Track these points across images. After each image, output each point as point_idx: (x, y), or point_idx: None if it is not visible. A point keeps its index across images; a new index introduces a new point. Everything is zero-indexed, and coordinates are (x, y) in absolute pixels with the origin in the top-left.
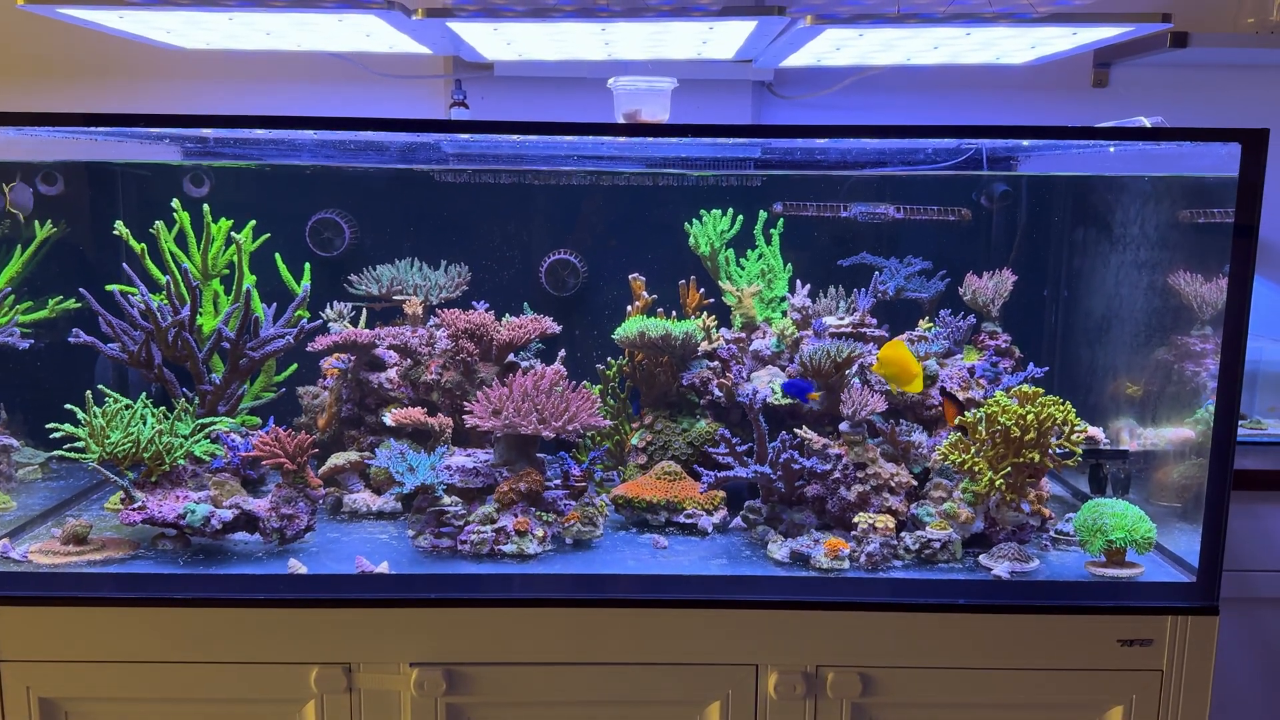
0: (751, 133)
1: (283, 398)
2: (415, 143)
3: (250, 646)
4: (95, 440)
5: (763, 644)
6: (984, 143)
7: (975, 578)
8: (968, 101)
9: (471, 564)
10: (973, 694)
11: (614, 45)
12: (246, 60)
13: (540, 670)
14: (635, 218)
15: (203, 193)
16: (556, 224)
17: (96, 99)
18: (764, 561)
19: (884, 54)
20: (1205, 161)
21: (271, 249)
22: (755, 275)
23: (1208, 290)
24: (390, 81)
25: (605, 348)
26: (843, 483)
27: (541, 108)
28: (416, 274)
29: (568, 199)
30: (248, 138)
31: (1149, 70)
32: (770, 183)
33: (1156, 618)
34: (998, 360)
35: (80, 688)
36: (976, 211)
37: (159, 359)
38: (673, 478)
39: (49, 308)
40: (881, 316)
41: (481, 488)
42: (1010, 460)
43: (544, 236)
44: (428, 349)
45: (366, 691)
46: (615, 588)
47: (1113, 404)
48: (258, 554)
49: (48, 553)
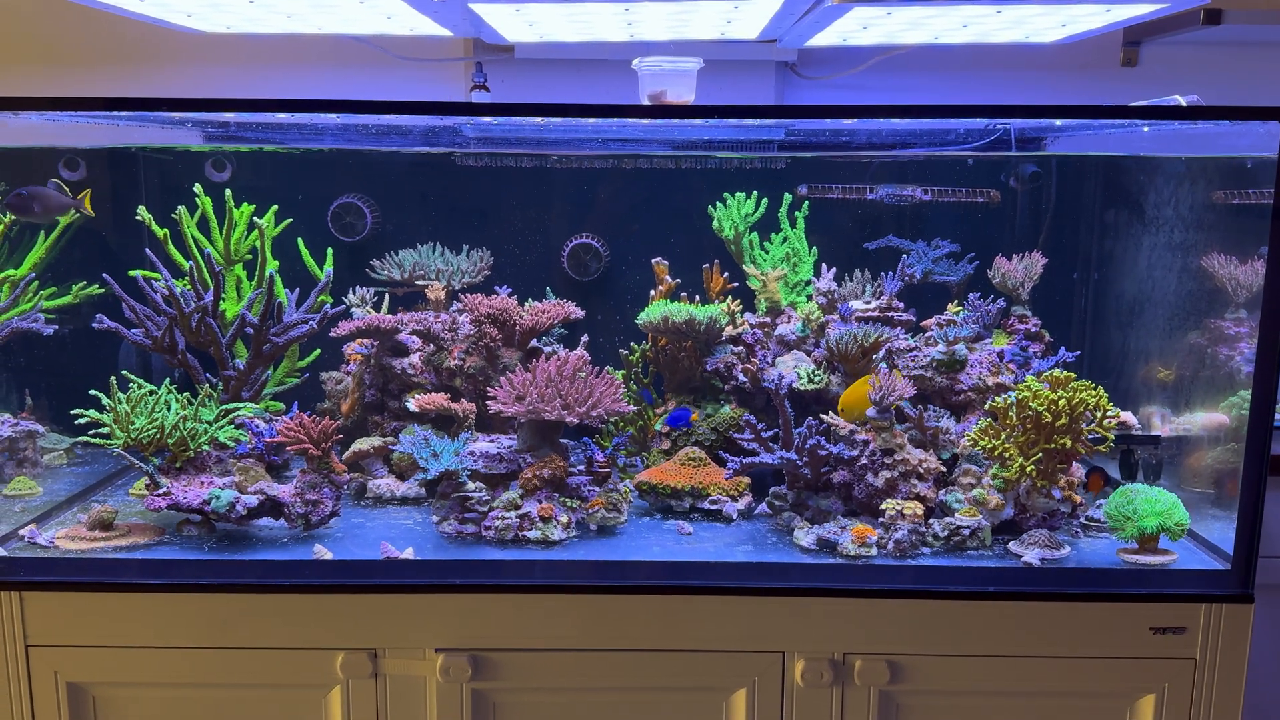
0: (778, 113)
1: (307, 383)
2: (436, 126)
3: (276, 632)
4: (120, 426)
5: (789, 631)
6: (1013, 123)
7: (1005, 565)
8: (995, 81)
9: (496, 550)
10: (1002, 682)
11: (636, 26)
12: (267, 44)
13: (565, 656)
14: (658, 201)
15: (224, 177)
16: (578, 208)
17: (118, 84)
18: (790, 548)
19: (911, 33)
20: (1243, 141)
21: (294, 234)
22: (780, 259)
23: (1243, 273)
24: (411, 65)
25: (628, 333)
26: (870, 469)
27: (562, 90)
28: (439, 259)
29: (590, 182)
30: (269, 121)
31: (1180, 48)
32: (795, 165)
33: (1190, 605)
34: (1027, 345)
35: (107, 673)
36: (1006, 193)
37: (182, 345)
38: (697, 463)
39: (73, 293)
40: (909, 300)
41: (505, 473)
42: (1041, 446)
43: (566, 220)
44: (450, 334)
45: (392, 677)
46: (640, 574)
47: (1145, 389)
48: (283, 539)
49: (74, 538)
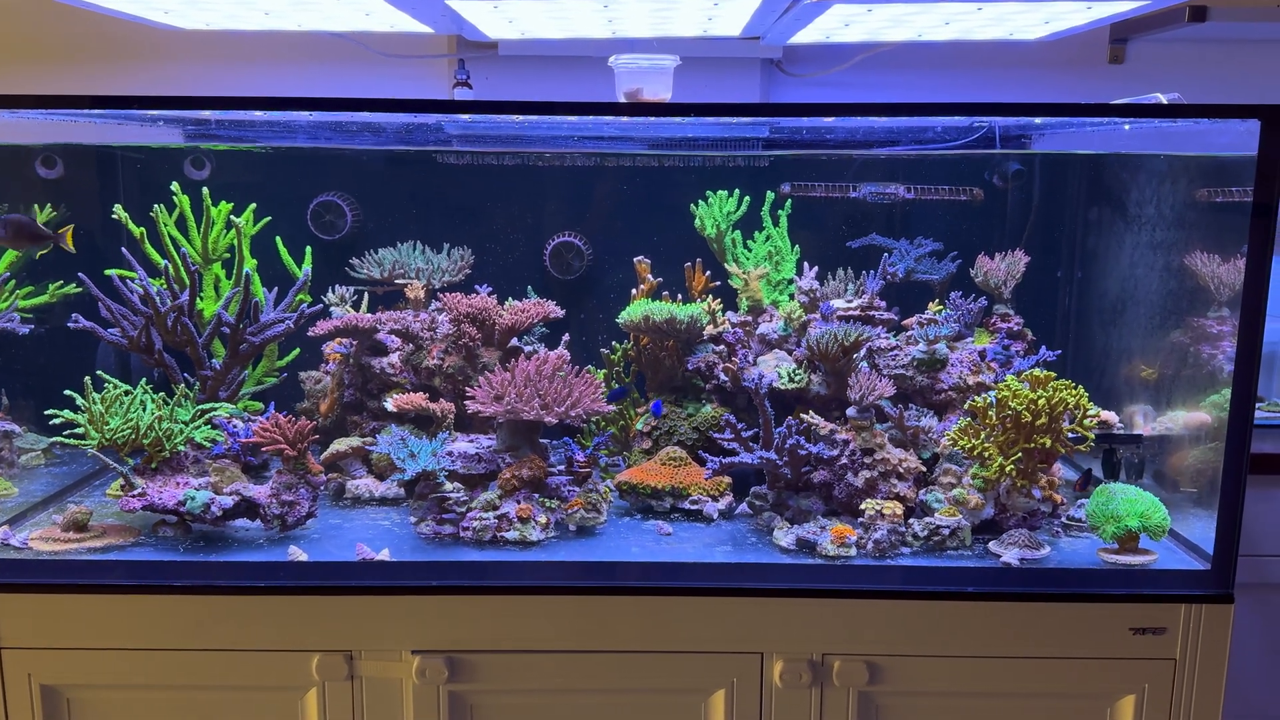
0: (755, 111)
1: (285, 383)
2: (417, 124)
3: (251, 634)
4: (95, 426)
5: (768, 632)
6: (997, 121)
7: (985, 565)
8: (981, 79)
9: (474, 551)
10: (981, 683)
11: (618, 22)
12: (248, 41)
13: (542, 658)
14: (641, 199)
15: (203, 175)
16: (561, 206)
17: (96, 82)
18: (770, 549)
19: (894, 30)
20: (1223, 139)
21: (273, 232)
22: (762, 257)
23: (1225, 271)
24: (394, 62)
25: (610, 332)
26: (850, 469)
27: (547, 87)
28: (419, 257)
29: (572, 181)
30: (248, 119)
31: (1167, 46)
32: (778, 163)
33: (1170, 606)
34: (1010, 343)
35: (81, 675)
36: (989, 191)
37: (159, 344)
38: (678, 463)
39: (49, 293)
40: (891, 299)
41: (484, 474)
42: (1021, 445)
43: (548, 219)
44: (429, 333)
45: (368, 679)
46: (619, 575)
47: (1127, 388)
48: (259, 541)
49: (48, 540)
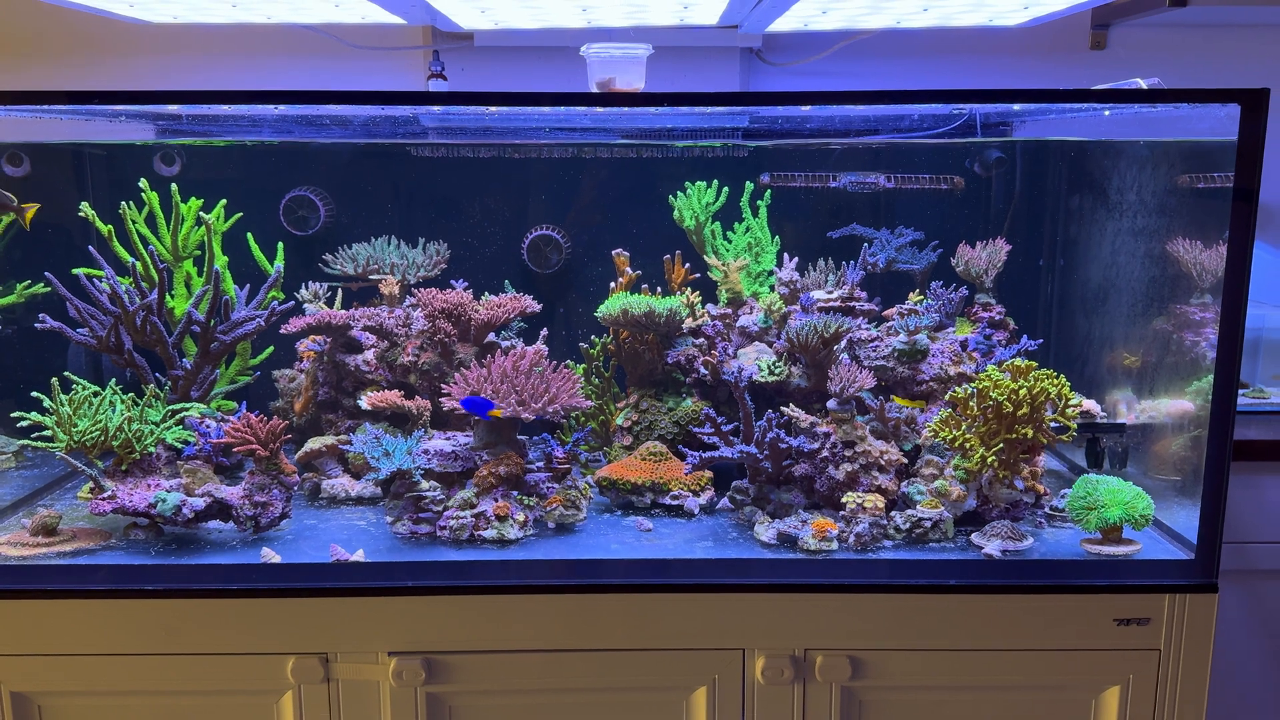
0: (729, 100)
1: (260, 381)
2: (391, 116)
3: (225, 637)
4: (63, 428)
5: (750, 628)
6: (977, 108)
7: (967, 557)
8: (962, 66)
9: (451, 550)
10: (965, 676)
11: (592, 12)
12: (218, 35)
13: (521, 658)
14: (620, 191)
15: (174, 172)
16: (538, 198)
17: (63, 77)
18: (751, 543)
19: (872, 17)
20: (1204, 124)
21: (245, 228)
22: (742, 249)
23: (1207, 257)
24: (368, 54)
25: (590, 326)
26: (831, 462)
27: (523, 78)
28: (394, 252)
29: (550, 173)
30: (219, 114)
31: (1149, 31)
32: (758, 153)
33: (1154, 596)
34: (991, 333)
35: (53, 681)
36: (970, 179)
37: (129, 344)
38: (658, 458)
39: (16, 293)
40: (872, 289)
41: (461, 472)
42: (1003, 436)
43: (526, 211)
44: (404, 330)
45: (344, 682)
46: (598, 573)
47: (1110, 376)
48: (232, 543)
49: (16, 544)
